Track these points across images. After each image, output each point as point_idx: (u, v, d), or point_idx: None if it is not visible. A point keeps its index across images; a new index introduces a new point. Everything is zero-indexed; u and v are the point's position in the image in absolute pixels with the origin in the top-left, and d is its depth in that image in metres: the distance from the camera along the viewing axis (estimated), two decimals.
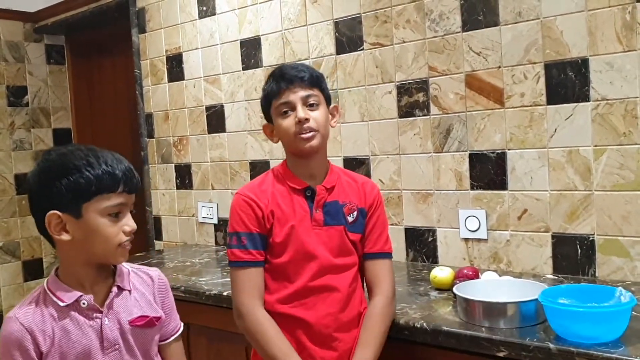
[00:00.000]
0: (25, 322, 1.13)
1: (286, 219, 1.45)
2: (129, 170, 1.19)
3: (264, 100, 1.50)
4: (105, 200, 1.14)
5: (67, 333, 1.15)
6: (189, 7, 2.80)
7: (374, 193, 1.56)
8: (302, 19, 2.38)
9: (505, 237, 1.93)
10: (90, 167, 1.13)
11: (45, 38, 3.74)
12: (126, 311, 1.22)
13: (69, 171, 1.13)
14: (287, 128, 1.44)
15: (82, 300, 1.17)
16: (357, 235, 1.50)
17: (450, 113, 2.01)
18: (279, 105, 1.46)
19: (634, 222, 1.69)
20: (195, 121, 2.84)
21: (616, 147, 1.71)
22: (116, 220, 1.17)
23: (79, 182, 1.12)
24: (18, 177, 3.59)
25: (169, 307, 1.33)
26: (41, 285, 1.21)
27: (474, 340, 1.38)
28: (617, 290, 1.32)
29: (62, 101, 3.80)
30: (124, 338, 1.21)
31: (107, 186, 1.14)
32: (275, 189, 1.48)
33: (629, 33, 1.67)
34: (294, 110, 1.44)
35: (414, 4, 2.06)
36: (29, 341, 1.13)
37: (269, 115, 1.51)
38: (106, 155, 1.18)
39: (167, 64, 2.93)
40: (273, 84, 1.47)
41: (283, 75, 1.46)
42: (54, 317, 1.15)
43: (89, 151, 1.17)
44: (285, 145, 1.50)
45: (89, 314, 1.18)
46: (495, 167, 1.93)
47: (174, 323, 1.35)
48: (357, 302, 1.49)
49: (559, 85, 1.79)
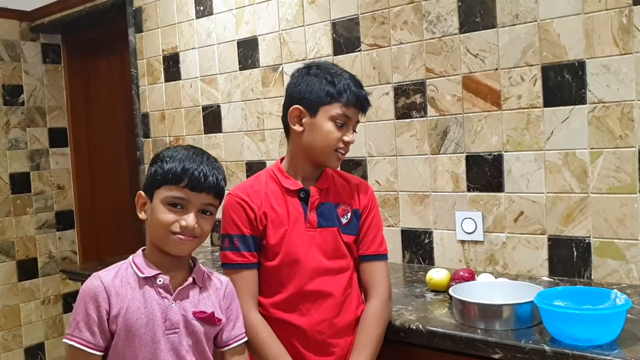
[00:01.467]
0: (106, 282, 1.23)
1: (280, 222, 1.44)
2: (198, 172, 1.25)
3: (326, 93, 1.42)
4: (168, 190, 1.24)
5: (137, 302, 1.22)
6: (186, 7, 2.80)
7: (368, 194, 1.55)
8: (300, 19, 2.38)
9: (502, 239, 1.93)
10: (171, 160, 1.26)
11: (42, 37, 3.72)
12: (193, 302, 1.27)
13: (157, 160, 1.28)
14: (334, 139, 1.43)
15: (160, 278, 1.25)
16: (350, 237, 1.49)
17: (447, 115, 2.01)
18: (342, 115, 1.42)
19: (629, 225, 1.69)
20: (191, 121, 2.83)
21: (612, 149, 1.71)
22: (176, 211, 1.24)
23: (156, 171, 1.27)
24: (13, 176, 3.58)
25: (235, 314, 1.36)
26: (128, 259, 1.30)
27: (470, 342, 1.37)
28: (613, 293, 1.32)
29: (57, 100, 3.79)
30: (185, 325, 1.25)
31: (172, 178, 1.24)
32: (268, 189, 1.46)
33: (625, 36, 1.67)
34: (345, 126, 1.44)
35: (412, 5, 2.06)
36: (104, 299, 1.21)
37: (316, 106, 1.42)
38: (188, 155, 1.27)
39: (164, 64, 2.93)
40: (351, 94, 1.42)
41: (361, 94, 1.44)
42: (131, 285, 1.23)
43: (185, 150, 1.29)
44: (308, 147, 1.45)
45: (161, 292, 1.24)
46: (492, 169, 1.93)
47: (239, 329, 1.36)
48: (353, 306, 1.48)
49: (556, 87, 1.79)
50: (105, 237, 3.66)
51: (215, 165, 1.30)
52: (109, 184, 3.59)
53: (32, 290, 3.64)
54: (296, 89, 1.46)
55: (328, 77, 1.44)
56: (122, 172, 3.43)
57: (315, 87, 1.43)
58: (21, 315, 3.58)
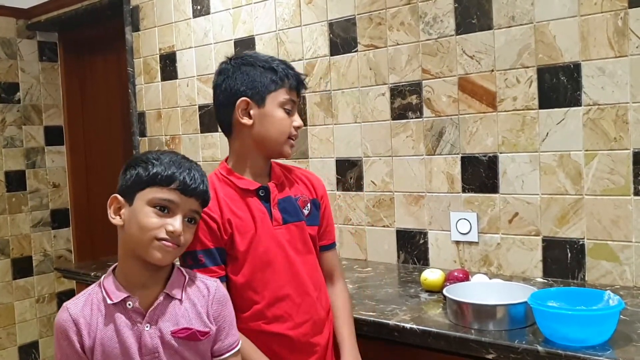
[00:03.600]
0: (74, 314, 1.16)
1: (246, 227, 1.36)
2: (194, 175, 1.19)
3: (271, 81, 1.38)
4: (155, 192, 1.17)
5: (110, 333, 1.15)
6: (183, 6, 2.80)
7: (320, 183, 1.54)
8: (297, 19, 2.38)
9: (496, 240, 1.93)
10: (158, 162, 1.19)
11: (38, 35, 3.71)
12: (172, 320, 1.18)
13: (139, 162, 1.20)
14: (286, 125, 1.40)
15: (128, 302, 1.16)
16: (314, 229, 1.47)
17: (442, 116, 2.02)
18: (289, 100, 1.40)
19: (623, 226, 1.70)
20: (187, 120, 2.83)
21: (607, 152, 1.72)
22: (162, 215, 1.16)
23: (140, 173, 1.18)
24: (8, 174, 3.57)
25: (226, 321, 1.25)
26: (100, 279, 1.23)
27: (463, 342, 1.38)
28: (606, 294, 1.33)
29: (54, 98, 3.78)
30: (165, 347, 1.16)
31: (162, 179, 1.17)
32: (222, 194, 1.37)
33: (620, 39, 1.68)
34: (292, 112, 1.42)
35: (408, 6, 2.07)
36: (73, 332, 1.15)
37: (263, 96, 1.38)
38: (183, 160, 1.22)
39: (161, 63, 2.93)
40: (293, 79, 1.41)
41: (300, 77, 1.44)
42: (102, 313, 1.16)
43: (171, 154, 1.23)
44: (261, 139, 1.39)
45: (132, 317, 1.16)
46: (487, 171, 1.94)
47: (232, 338, 1.26)
48: (324, 300, 1.46)
49: (551, 89, 1.80)
50: (101, 235, 3.65)
51: (203, 172, 1.24)
52: (104, 182, 3.58)
53: (27, 289, 3.63)
54: (234, 82, 1.39)
55: (265, 65, 1.39)
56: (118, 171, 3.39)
57: (256, 76, 1.38)
58: (15, 314, 3.57)
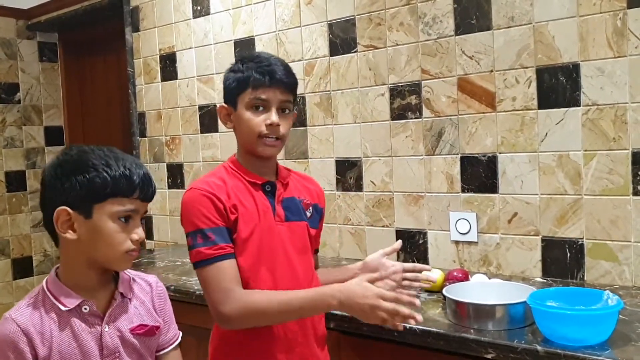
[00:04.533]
0: (22, 323, 1.09)
1: (251, 216, 1.37)
2: (147, 177, 1.15)
3: (236, 82, 1.39)
4: (117, 204, 1.11)
5: (67, 339, 1.12)
6: (183, 7, 2.80)
7: (322, 191, 1.57)
8: (296, 20, 2.38)
9: (496, 240, 1.94)
10: (109, 168, 1.10)
11: (38, 35, 3.72)
12: (127, 319, 1.19)
13: (86, 168, 1.10)
14: (254, 125, 1.37)
15: (84, 306, 1.13)
16: (314, 231, 1.49)
17: (442, 116, 2.02)
18: (254, 99, 1.37)
19: (622, 226, 1.70)
20: (187, 121, 2.83)
21: (606, 152, 1.72)
22: (125, 226, 1.13)
23: (94, 181, 1.09)
24: (9, 174, 3.57)
25: (168, 315, 1.28)
26: (40, 286, 1.16)
27: (463, 341, 1.38)
28: (605, 294, 1.33)
29: (54, 99, 3.79)
30: (125, 346, 1.17)
31: (123, 190, 1.11)
32: (231, 184, 1.39)
33: (619, 39, 1.68)
34: (267, 110, 1.38)
35: (408, 7, 2.07)
36: (24, 343, 1.08)
37: (234, 99, 1.40)
38: (126, 158, 1.15)
39: (161, 63, 2.93)
40: (255, 73, 1.37)
41: (270, 71, 1.37)
42: (54, 320, 1.11)
43: (110, 152, 1.14)
44: (240, 140, 1.44)
45: (89, 320, 1.14)
46: (486, 171, 1.94)
47: (173, 331, 1.29)
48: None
49: (550, 89, 1.80)
50: None
51: (141, 163, 1.19)
52: None
53: (27, 289, 3.63)
54: (223, 89, 1.45)
55: (240, 67, 1.40)
56: None
57: (229, 81, 1.41)
58: None
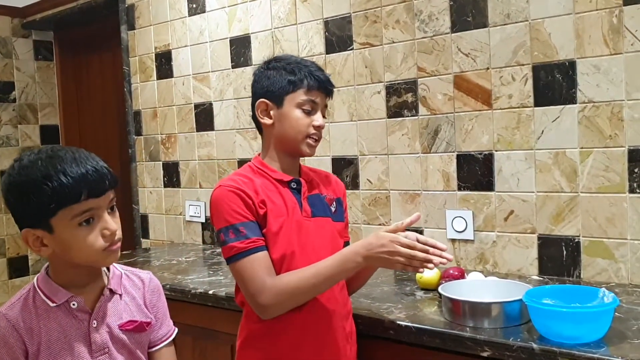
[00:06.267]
0: (13, 319, 1.10)
1: (279, 211, 1.41)
2: (93, 172, 1.09)
3: (289, 83, 1.44)
4: (70, 212, 1.07)
5: (56, 334, 1.12)
6: (178, 5, 2.79)
7: (342, 184, 1.61)
8: (292, 17, 2.38)
9: (492, 238, 1.93)
10: (48, 181, 1.05)
11: (34, 34, 3.71)
12: (116, 315, 1.18)
13: (28, 188, 1.07)
14: (303, 125, 1.43)
15: (72, 302, 1.14)
16: (340, 224, 1.52)
17: (438, 114, 2.02)
18: (307, 100, 1.43)
19: (618, 224, 1.70)
20: (183, 119, 2.82)
21: (602, 149, 1.72)
22: (90, 227, 1.10)
23: (40, 200, 1.06)
24: (4, 173, 3.55)
25: (161, 311, 1.28)
26: (31, 283, 1.17)
27: (458, 339, 1.38)
28: (601, 291, 1.33)
29: (49, 97, 3.78)
30: (114, 342, 1.17)
31: (67, 199, 1.06)
32: (258, 182, 1.43)
33: (615, 36, 1.68)
34: (314, 112, 1.45)
35: (404, 4, 2.07)
36: (14, 338, 1.09)
37: (282, 97, 1.44)
38: (67, 160, 1.08)
39: (156, 61, 2.92)
40: (310, 76, 1.44)
41: (324, 77, 1.45)
42: (43, 317, 1.12)
43: (49, 159, 1.09)
44: (280, 137, 1.46)
45: (78, 316, 1.15)
46: (483, 168, 1.94)
47: (166, 328, 1.29)
48: (345, 296, 1.48)
49: (547, 87, 1.80)
50: None
51: (87, 157, 1.12)
52: None
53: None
54: (259, 84, 1.48)
55: (288, 68, 1.45)
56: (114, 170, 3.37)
57: (277, 78, 1.45)
58: None
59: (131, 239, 3.06)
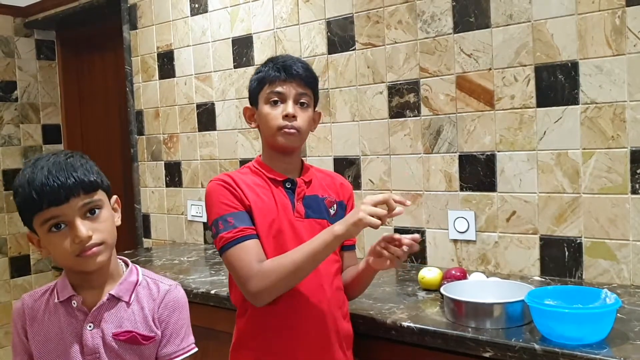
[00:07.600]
0: (27, 305, 1.19)
1: (268, 210, 1.41)
2: (53, 182, 1.08)
3: (256, 82, 1.48)
4: (38, 219, 1.11)
5: (54, 328, 1.17)
6: (180, 4, 2.79)
7: (348, 186, 1.60)
8: (295, 17, 2.38)
9: (494, 238, 1.93)
10: (20, 188, 1.11)
11: (36, 33, 3.71)
12: (115, 322, 1.17)
13: (14, 193, 1.14)
14: (272, 118, 1.43)
15: (73, 301, 1.17)
16: None
17: (440, 114, 2.02)
18: (270, 93, 1.44)
19: (620, 225, 1.70)
20: (185, 119, 2.83)
21: (604, 150, 1.72)
22: (61, 233, 1.10)
23: (19, 205, 1.13)
24: (6, 172, 3.56)
25: (172, 328, 1.22)
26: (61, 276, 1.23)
27: (460, 340, 1.38)
28: (603, 292, 1.33)
29: (51, 97, 3.78)
30: (106, 348, 1.16)
31: (31, 207, 1.10)
32: (252, 180, 1.45)
33: (618, 37, 1.68)
34: (284, 102, 1.44)
35: (406, 5, 2.07)
36: (23, 323, 1.18)
37: (256, 98, 1.48)
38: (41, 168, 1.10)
39: (158, 61, 2.92)
40: (272, 70, 1.45)
41: (286, 66, 1.44)
42: (50, 309, 1.18)
43: (32, 166, 1.12)
44: (263, 135, 1.49)
45: (76, 316, 1.17)
46: (485, 169, 1.94)
47: (175, 346, 1.22)
48: (339, 299, 1.46)
49: (549, 88, 1.80)
50: None
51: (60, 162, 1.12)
52: None
53: (25, 287, 3.63)
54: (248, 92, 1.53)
55: (261, 68, 1.49)
56: (116, 170, 3.41)
57: (252, 82, 1.51)
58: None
59: (133, 239, 3.06)
